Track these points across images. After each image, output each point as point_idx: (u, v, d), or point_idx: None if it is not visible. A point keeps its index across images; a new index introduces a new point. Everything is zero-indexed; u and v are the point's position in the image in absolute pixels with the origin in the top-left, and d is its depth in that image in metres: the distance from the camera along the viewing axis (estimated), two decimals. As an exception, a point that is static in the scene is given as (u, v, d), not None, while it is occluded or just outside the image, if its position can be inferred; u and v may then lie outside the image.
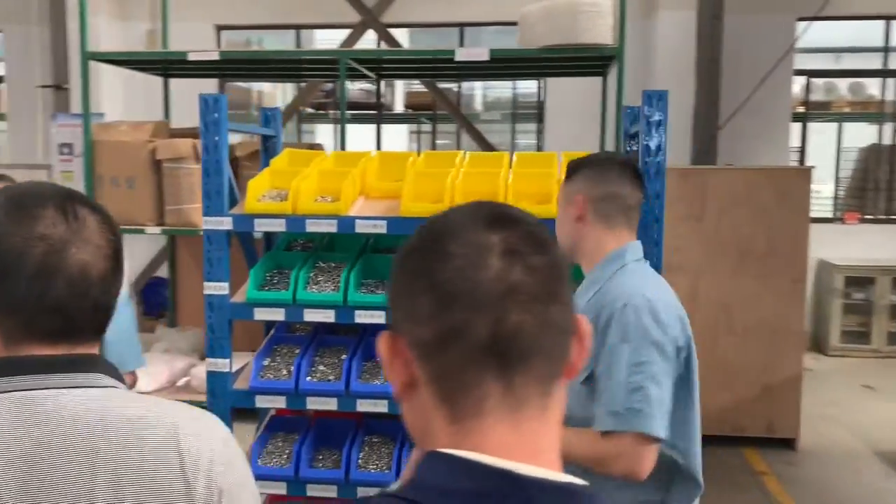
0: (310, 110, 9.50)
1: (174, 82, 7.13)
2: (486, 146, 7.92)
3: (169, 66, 6.16)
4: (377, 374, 2.65)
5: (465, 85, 9.29)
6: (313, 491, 2.66)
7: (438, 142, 9.30)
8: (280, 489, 2.67)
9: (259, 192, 2.69)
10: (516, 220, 0.75)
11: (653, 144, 2.44)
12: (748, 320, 5.05)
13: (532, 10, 5.11)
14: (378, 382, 2.60)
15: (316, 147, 6.18)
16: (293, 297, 2.58)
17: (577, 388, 1.71)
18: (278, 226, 2.60)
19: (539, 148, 8.40)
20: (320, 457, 2.77)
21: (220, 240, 2.64)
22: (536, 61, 5.27)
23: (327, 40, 8.60)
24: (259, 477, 2.53)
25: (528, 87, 8.78)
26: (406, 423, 0.78)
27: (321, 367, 2.72)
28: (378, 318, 2.57)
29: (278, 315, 2.62)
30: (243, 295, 2.64)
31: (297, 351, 2.76)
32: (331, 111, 8.67)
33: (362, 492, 2.64)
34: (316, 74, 6.76)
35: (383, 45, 7.96)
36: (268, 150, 3.18)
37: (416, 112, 9.24)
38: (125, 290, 3.12)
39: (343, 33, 8.13)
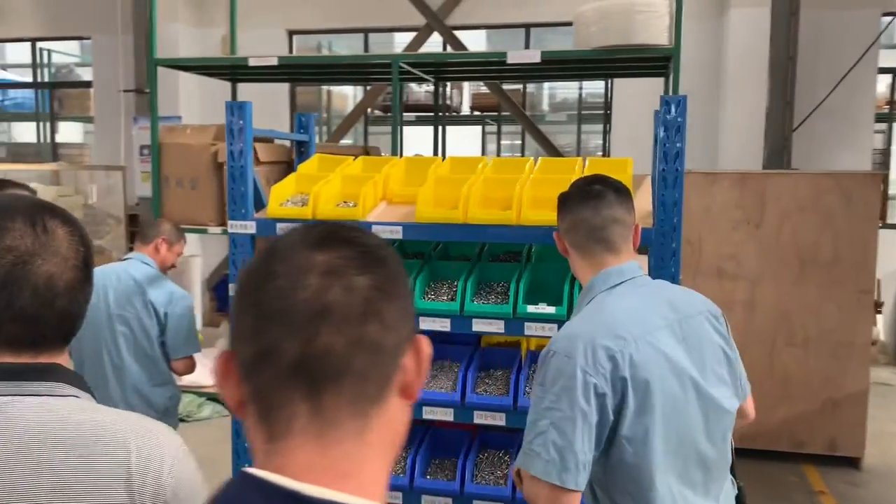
0: (379, 113, 9.64)
1: (249, 86, 7.38)
2: (551, 148, 7.85)
3: (236, 71, 6.35)
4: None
5: (534, 85, 9.22)
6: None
7: (504, 143, 9.26)
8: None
9: (283, 196, 2.75)
10: (347, 241, 0.74)
11: (672, 151, 2.36)
12: (809, 331, 4.82)
13: (587, 11, 5.03)
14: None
15: (373, 150, 6.27)
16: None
17: None
18: (299, 230, 2.65)
19: (605, 149, 8.25)
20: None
21: (244, 243, 2.71)
22: (592, 62, 5.18)
23: (397, 44, 8.69)
24: None
25: (595, 87, 8.63)
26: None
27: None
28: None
29: (298, 317, 2.67)
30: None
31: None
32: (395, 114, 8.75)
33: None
34: (378, 78, 6.86)
35: (448, 48, 7.99)
36: (302, 155, 3.25)
37: (483, 114, 9.23)
38: (187, 295, 3.26)
39: (409, 36, 8.22)
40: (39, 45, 9.92)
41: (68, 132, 11.23)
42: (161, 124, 6.74)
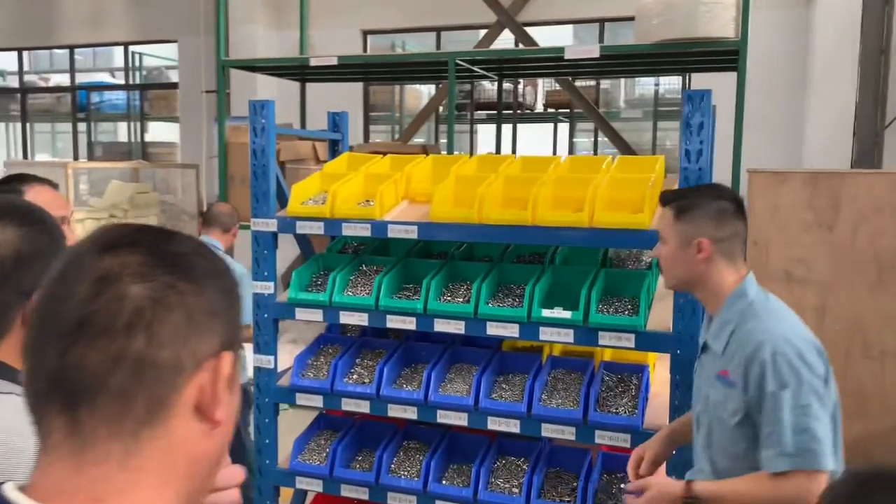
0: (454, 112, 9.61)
1: (325, 86, 7.51)
2: (624, 145, 7.63)
3: (304, 71, 6.47)
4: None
5: (609, 82, 8.99)
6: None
7: (579, 141, 9.08)
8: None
9: (306, 195, 2.76)
10: (139, 244, 0.69)
11: (693, 149, 2.22)
12: (887, 343, 4.47)
13: (649, 3, 4.85)
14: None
15: (432, 149, 6.24)
16: (329, 300, 2.63)
17: (729, 429, 1.86)
18: (317, 228, 2.65)
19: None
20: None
21: (266, 241, 2.73)
22: (655, 57, 4.99)
23: (469, 41, 8.64)
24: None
25: (673, 83, 8.33)
26: None
27: (360, 371, 2.75)
28: (409, 323, 2.55)
29: (317, 316, 2.67)
30: (286, 295, 2.72)
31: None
32: (467, 112, 8.71)
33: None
34: (444, 76, 6.83)
35: (520, 46, 7.88)
36: (336, 153, 3.25)
37: (556, 111, 9.07)
38: (240, 266, 3.29)
39: (483, 34, 8.16)
40: (131, 48, 10.41)
41: (160, 131, 11.74)
42: (229, 124, 6.94)
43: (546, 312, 2.40)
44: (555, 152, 8.83)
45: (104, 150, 11.26)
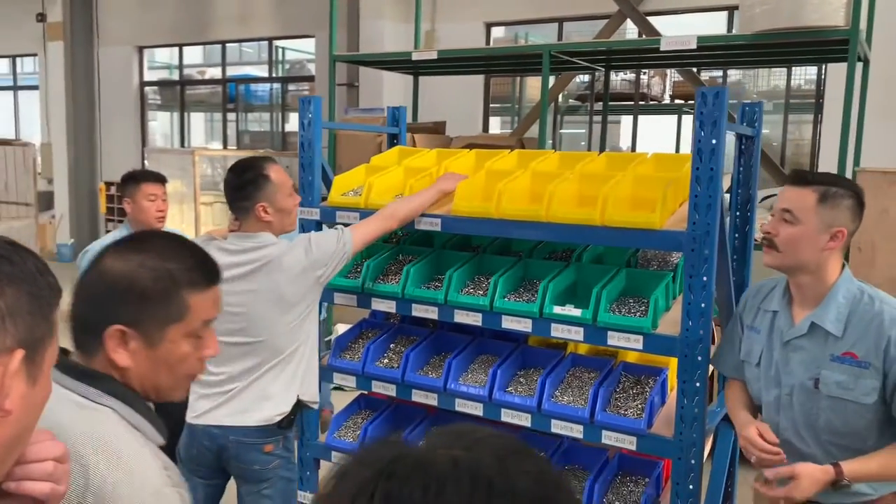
0: (575, 103, 9.52)
1: (449, 79, 7.70)
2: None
3: (418, 65, 6.65)
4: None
5: (740, 72, 8.53)
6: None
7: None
8: None
9: (348, 186, 2.90)
10: None
11: (706, 148, 2.14)
12: None
13: (752, -9, 4.60)
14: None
15: (529, 143, 6.23)
16: (362, 286, 2.76)
17: (856, 408, 1.94)
18: (354, 219, 2.79)
19: (815, 141, 7.42)
20: None
21: (311, 228, 2.90)
22: (758, 48, 4.73)
23: (591, 31, 8.50)
24: None
25: (809, 73, 7.79)
26: None
27: (391, 356, 2.87)
28: (432, 313, 2.63)
29: (352, 301, 2.82)
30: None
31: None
32: (587, 103, 8.59)
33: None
34: (565, 67, 6.78)
35: (643, 36, 7.67)
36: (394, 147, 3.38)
37: (684, 102, 8.74)
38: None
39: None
40: (275, 43, 11.09)
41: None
42: (353, 115, 7.26)
43: (557, 309, 2.40)
44: (678, 145, 8.51)
45: (251, 139, 12.10)
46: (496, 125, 9.79)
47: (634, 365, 2.61)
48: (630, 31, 8.17)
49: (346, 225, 3.01)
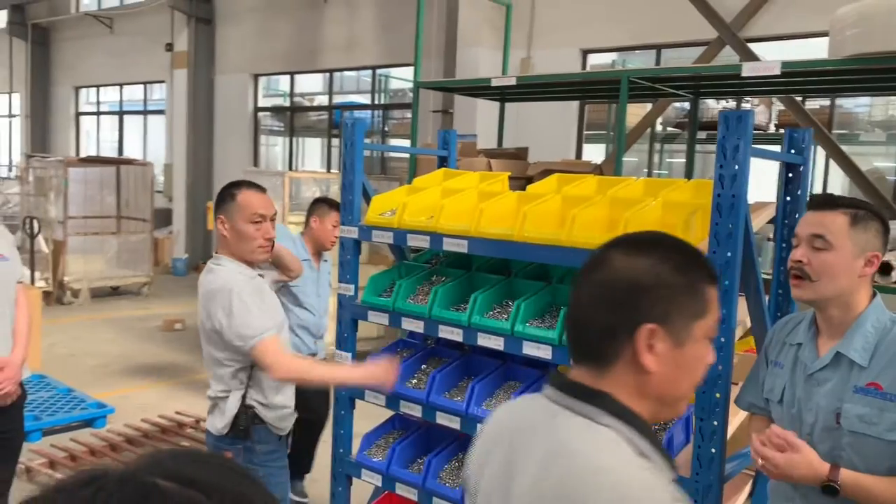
0: (674, 130, 9.26)
1: (543, 105, 7.71)
2: (854, 170, 6.81)
3: (504, 91, 6.68)
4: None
5: (853, 100, 8.06)
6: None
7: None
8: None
9: (387, 206, 2.94)
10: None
11: (727, 174, 2.04)
12: None
13: (843, 14, 4.38)
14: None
15: (607, 169, 6.09)
16: (393, 305, 2.79)
17: (881, 444, 1.80)
18: (388, 238, 2.82)
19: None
20: None
21: (351, 246, 2.97)
22: (849, 74, 4.45)
23: (688, 58, 8.27)
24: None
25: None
26: None
27: (420, 376, 2.87)
28: (457, 335, 2.62)
29: (384, 320, 2.85)
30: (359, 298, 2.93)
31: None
32: (685, 131, 8.33)
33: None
34: (651, 94, 6.64)
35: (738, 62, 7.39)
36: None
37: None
38: None
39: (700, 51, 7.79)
40: (378, 71, 11.44)
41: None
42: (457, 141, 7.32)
43: (577, 336, 2.33)
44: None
45: (353, 163, 12.47)
46: (593, 152, 9.65)
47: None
48: (727, 57, 7.88)
49: (398, 246, 3.03)
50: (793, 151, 2.50)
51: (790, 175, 2.51)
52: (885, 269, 3.95)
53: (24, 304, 3.12)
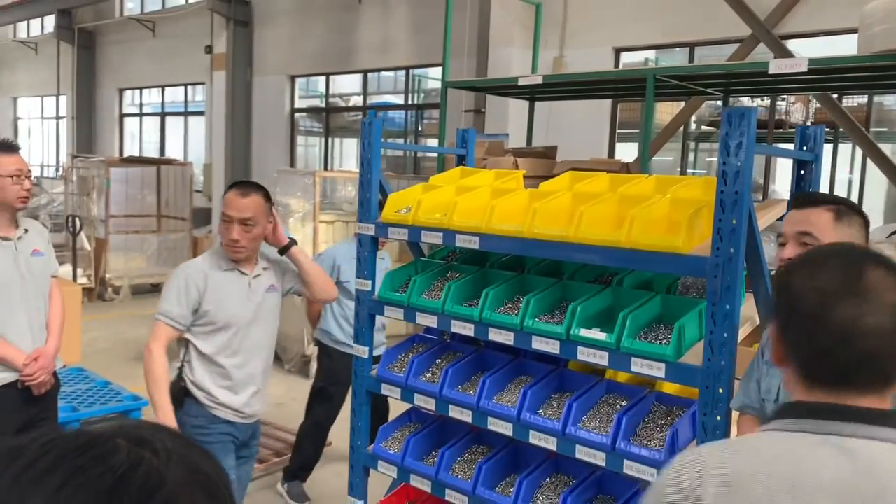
0: (708, 129, 9.17)
1: (575, 104, 7.71)
2: (891, 168, 6.69)
3: (534, 90, 6.71)
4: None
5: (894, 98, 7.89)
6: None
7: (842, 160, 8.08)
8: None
9: (403, 203, 3.00)
10: None
11: (731, 171, 2.05)
12: None
13: (872, 10, 4.32)
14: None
15: (634, 167, 6.07)
16: (407, 301, 2.84)
17: None
18: (403, 235, 2.88)
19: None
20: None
21: (368, 243, 3.03)
22: (875, 71, 4.38)
23: (722, 55, 8.18)
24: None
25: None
26: None
27: (434, 370, 2.92)
28: (469, 330, 2.67)
29: (399, 315, 2.91)
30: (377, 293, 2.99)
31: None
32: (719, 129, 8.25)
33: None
34: (680, 92, 6.60)
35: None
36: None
37: (829, 130, 8.17)
38: None
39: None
40: (412, 72, 11.53)
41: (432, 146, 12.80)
42: (479, 140, 7.39)
43: (584, 332, 2.36)
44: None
45: (387, 164, 12.59)
46: (626, 151, 9.61)
47: (668, 395, 2.51)
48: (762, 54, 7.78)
49: (416, 243, 3.09)
50: (804, 149, 2.49)
51: (802, 172, 2.50)
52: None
53: (59, 297, 3.26)
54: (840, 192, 7.93)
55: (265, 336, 3.08)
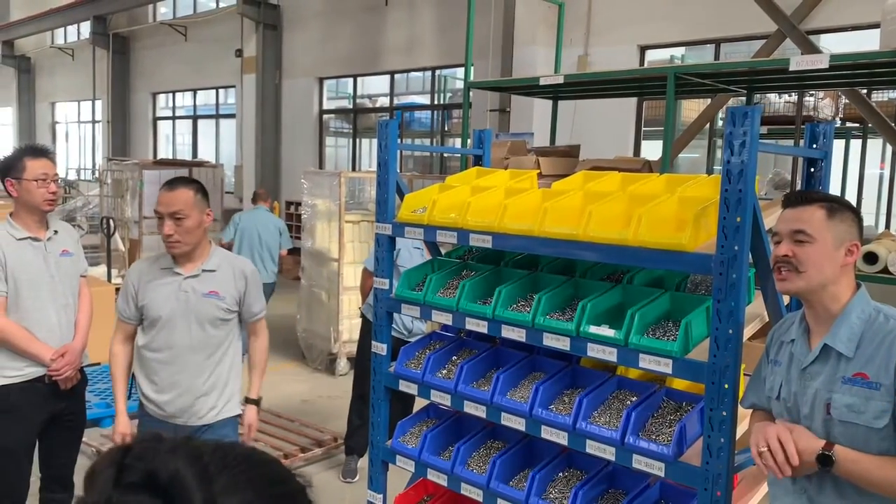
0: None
1: (600, 102, 7.71)
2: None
3: (558, 89, 6.73)
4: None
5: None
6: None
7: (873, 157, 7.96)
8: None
9: (420, 203, 3.07)
10: None
11: (735, 169, 2.08)
12: None
13: (893, 5, 4.27)
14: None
15: (656, 165, 6.06)
16: (423, 298, 2.91)
17: (869, 432, 1.85)
18: (419, 234, 2.95)
19: None
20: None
21: (385, 242, 3.10)
22: (900, 66, 4.34)
23: (749, 52, 8.12)
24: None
25: None
26: None
27: (450, 367, 2.98)
28: (482, 327, 2.72)
29: (416, 312, 2.97)
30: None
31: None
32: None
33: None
34: (702, 90, 6.57)
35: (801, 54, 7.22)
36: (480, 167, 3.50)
37: (856, 126, 8.08)
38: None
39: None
40: (438, 72, 11.60)
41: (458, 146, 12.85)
42: (504, 140, 7.44)
43: (593, 329, 2.41)
44: (845, 169, 7.86)
45: (414, 163, 12.68)
46: (652, 149, 9.57)
47: (678, 391, 2.54)
48: (789, 50, 7.71)
49: (433, 242, 3.16)
50: (814, 146, 2.51)
51: (812, 170, 2.52)
52: (871, 258, 3.94)
53: (87, 296, 3.38)
54: (869, 187, 7.83)
55: (199, 336, 3.12)
